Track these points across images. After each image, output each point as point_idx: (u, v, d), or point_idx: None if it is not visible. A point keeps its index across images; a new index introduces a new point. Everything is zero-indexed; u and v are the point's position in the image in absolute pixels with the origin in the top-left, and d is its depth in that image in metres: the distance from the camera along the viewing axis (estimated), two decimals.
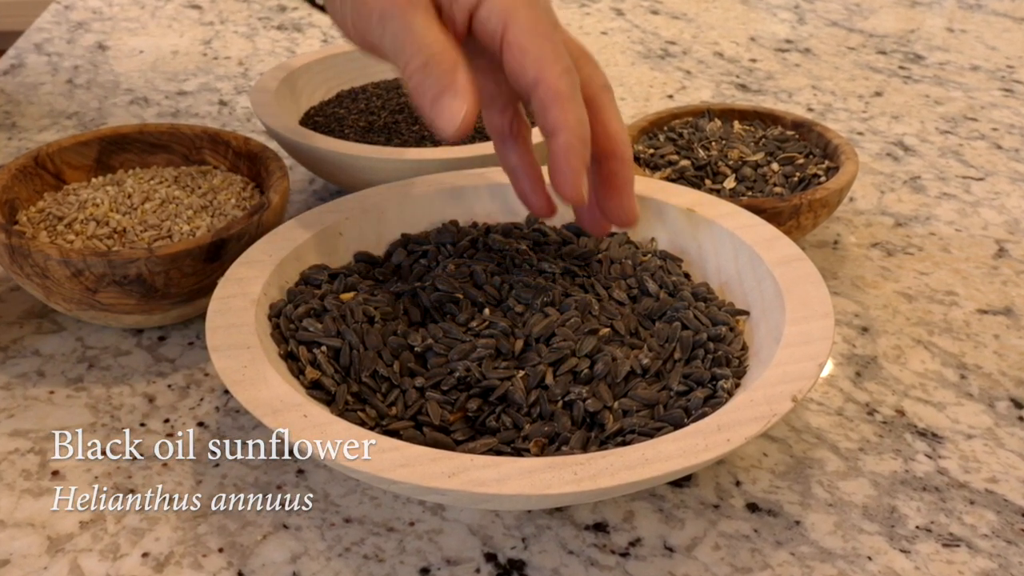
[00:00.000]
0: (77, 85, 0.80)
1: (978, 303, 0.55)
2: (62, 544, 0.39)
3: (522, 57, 0.39)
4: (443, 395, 0.40)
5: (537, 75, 0.39)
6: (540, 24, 0.40)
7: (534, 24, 0.40)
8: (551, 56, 0.39)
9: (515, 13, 0.40)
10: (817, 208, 0.54)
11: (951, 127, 0.76)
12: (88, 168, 0.56)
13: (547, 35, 0.40)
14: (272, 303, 0.44)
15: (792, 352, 0.39)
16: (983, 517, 0.42)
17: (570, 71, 0.40)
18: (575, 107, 0.40)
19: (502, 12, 0.40)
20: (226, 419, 0.46)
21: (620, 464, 0.34)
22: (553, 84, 0.39)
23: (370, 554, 0.39)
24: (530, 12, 0.40)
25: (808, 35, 0.95)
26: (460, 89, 0.39)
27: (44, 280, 0.47)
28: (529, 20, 0.40)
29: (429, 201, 0.50)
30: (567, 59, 0.40)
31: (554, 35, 0.40)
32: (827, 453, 0.45)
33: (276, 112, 0.60)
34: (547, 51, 0.39)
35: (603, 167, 0.43)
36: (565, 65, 0.40)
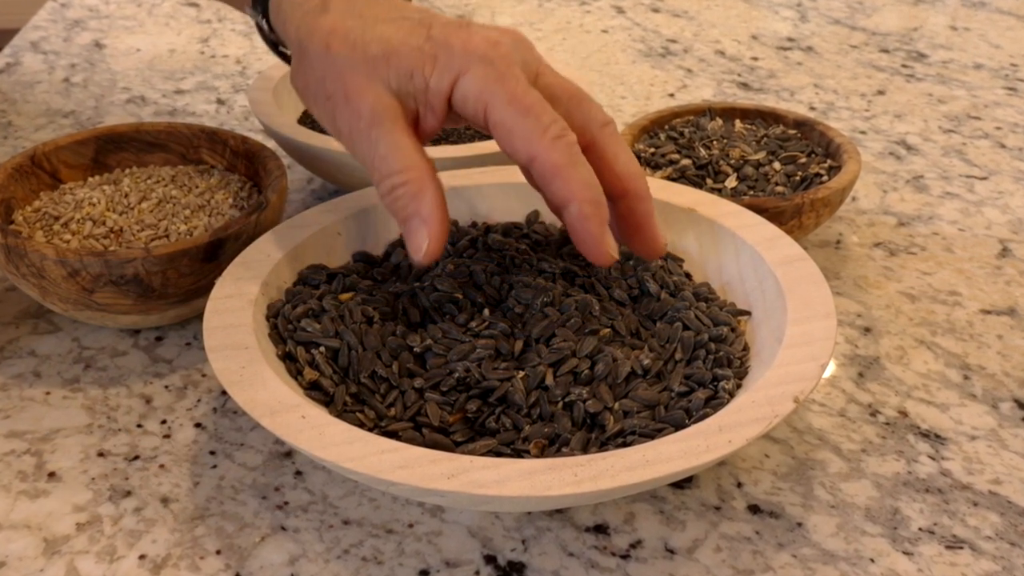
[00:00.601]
0: (73, 84, 0.80)
1: (981, 303, 0.55)
2: (58, 546, 0.39)
3: (510, 138, 0.39)
4: (442, 396, 0.40)
5: (529, 153, 0.39)
6: (519, 96, 0.39)
7: (512, 98, 0.39)
8: (538, 129, 0.39)
9: (491, 92, 0.39)
10: (819, 207, 0.54)
11: (954, 126, 0.76)
12: (85, 167, 0.56)
13: (529, 106, 0.39)
14: (270, 303, 0.44)
15: (794, 353, 0.39)
16: (986, 519, 0.42)
17: (560, 136, 0.39)
18: (577, 172, 0.39)
19: (478, 94, 0.39)
20: (224, 420, 0.46)
21: (621, 465, 0.34)
22: (547, 159, 0.39)
23: (369, 556, 0.39)
24: (505, 87, 0.40)
25: (810, 33, 0.95)
26: (426, 216, 0.40)
27: (40, 280, 0.47)
28: (506, 96, 0.39)
29: None
30: (556, 123, 0.40)
31: (536, 104, 0.40)
32: (829, 454, 0.45)
33: (274, 111, 0.60)
34: (532, 125, 0.39)
35: (619, 206, 0.43)
36: (554, 132, 0.39)
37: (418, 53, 0.41)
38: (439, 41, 0.41)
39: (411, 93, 0.41)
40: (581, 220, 0.40)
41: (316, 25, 0.43)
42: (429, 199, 0.40)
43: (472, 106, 0.40)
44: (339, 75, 0.42)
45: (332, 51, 0.42)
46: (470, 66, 0.40)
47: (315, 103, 0.43)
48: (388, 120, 0.41)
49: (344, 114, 0.42)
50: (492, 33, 0.41)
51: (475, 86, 0.39)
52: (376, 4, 0.44)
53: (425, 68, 0.40)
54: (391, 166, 0.40)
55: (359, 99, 0.41)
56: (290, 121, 0.60)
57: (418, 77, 0.41)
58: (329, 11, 0.43)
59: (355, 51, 0.41)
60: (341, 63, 0.42)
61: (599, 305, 0.43)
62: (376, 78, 0.41)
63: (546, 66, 0.43)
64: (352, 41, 0.42)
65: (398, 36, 0.41)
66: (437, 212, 0.40)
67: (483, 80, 0.39)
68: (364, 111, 0.41)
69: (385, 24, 0.42)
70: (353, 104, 0.41)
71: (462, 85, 0.40)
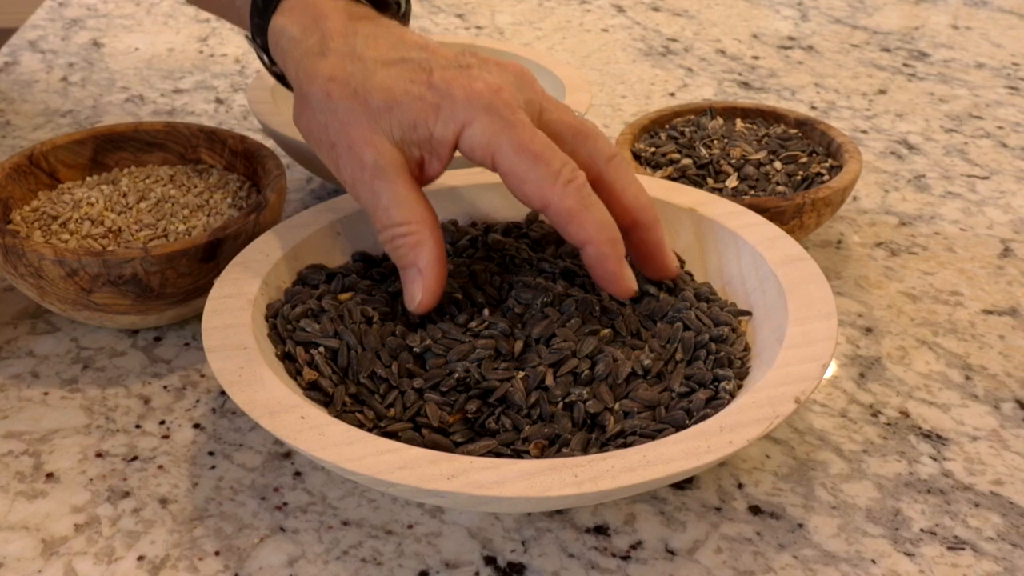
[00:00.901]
0: (72, 83, 0.80)
1: (983, 303, 0.55)
2: (56, 547, 0.39)
3: (521, 185, 0.40)
4: (442, 396, 0.40)
5: (542, 200, 0.40)
6: (525, 143, 0.40)
7: (520, 146, 0.40)
8: (549, 176, 0.39)
9: (498, 143, 0.40)
10: (820, 207, 0.54)
11: (956, 125, 0.76)
12: (83, 167, 0.56)
13: (538, 153, 0.40)
14: (269, 303, 0.44)
15: (795, 353, 0.39)
16: (988, 520, 0.42)
17: (571, 180, 0.40)
18: (591, 215, 0.40)
19: (485, 145, 0.40)
20: (223, 421, 0.46)
21: (621, 466, 0.34)
22: (560, 205, 0.40)
23: (368, 557, 0.39)
24: (511, 135, 0.40)
25: (811, 32, 0.95)
26: (423, 267, 0.41)
27: (38, 280, 0.47)
28: (513, 144, 0.40)
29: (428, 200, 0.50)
30: (566, 167, 0.40)
31: (545, 149, 0.40)
32: (830, 455, 0.45)
33: (273, 110, 0.60)
34: (543, 172, 0.39)
35: (630, 236, 0.44)
36: (565, 176, 0.40)
37: (420, 103, 0.41)
38: (441, 89, 0.41)
39: (415, 142, 0.41)
40: (600, 260, 0.41)
41: (315, 70, 0.43)
42: (427, 252, 0.41)
43: (480, 155, 0.40)
44: (342, 125, 0.42)
45: (333, 99, 0.42)
46: (475, 116, 0.40)
47: (318, 148, 0.44)
48: (391, 172, 0.41)
49: (347, 163, 0.42)
50: (493, 76, 0.41)
51: (481, 136, 0.40)
52: (376, 40, 0.43)
53: (428, 119, 0.41)
54: (392, 218, 0.41)
55: (362, 151, 0.41)
56: (289, 120, 0.60)
57: (421, 128, 0.41)
58: (328, 54, 0.43)
59: (356, 100, 0.42)
60: (343, 113, 0.42)
61: (599, 305, 0.43)
62: (379, 129, 0.41)
63: (550, 101, 0.43)
64: (353, 89, 0.42)
65: (399, 85, 0.41)
66: (434, 265, 0.41)
67: (489, 130, 0.40)
68: (367, 163, 0.41)
69: (386, 69, 0.42)
70: (356, 155, 0.41)
71: (468, 135, 0.40)
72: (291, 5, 0.46)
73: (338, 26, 0.44)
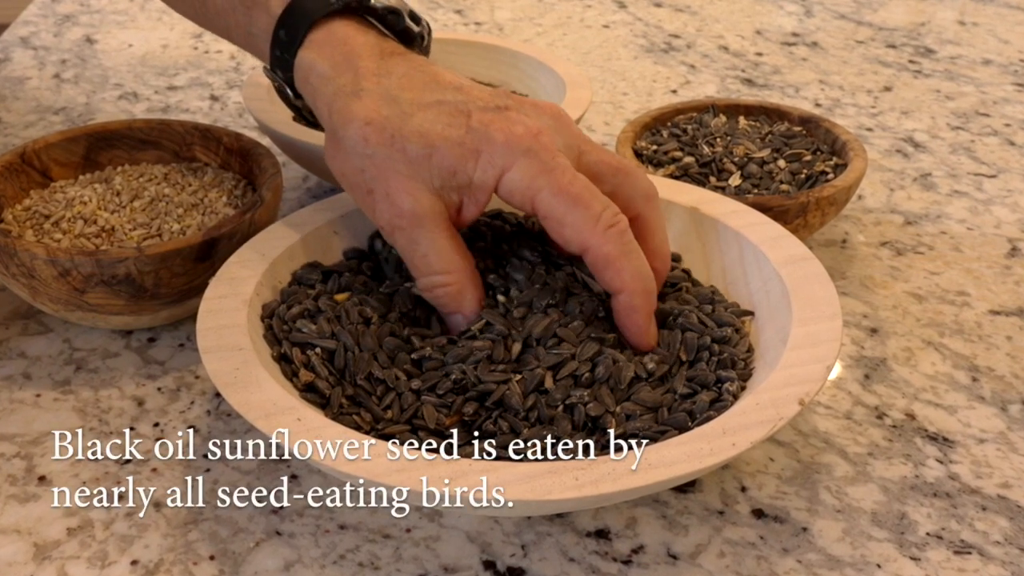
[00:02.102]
0: (64, 80, 0.80)
1: (990, 304, 0.55)
2: (49, 551, 0.39)
3: (561, 229, 0.40)
4: (439, 399, 0.40)
5: (582, 244, 0.40)
6: (565, 187, 0.40)
7: (560, 189, 0.40)
8: (589, 220, 0.40)
9: (538, 187, 0.40)
10: (825, 206, 0.54)
11: (962, 123, 0.76)
12: (75, 165, 0.56)
13: (577, 196, 0.40)
14: (265, 303, 0.44)
15: (799, 354, 0.39)
16: (995, 524, 0.42)
17: (612, 225, 0.40)
18: (629, 263, 0.40)
19: (524, 189, 0.40)
20: (218, 423, 0.46)
21: (622, 469, 0.34)
22: (599, 251, 0.40)
23: (365, 561, 0.39)
24: (551, 179, 0.40)
25: (815, 28, 0.95)
26: (468, 315, 0.43)
27: (30, 280, 0.47)
28: (553, 187, 0.40)
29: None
30: (607, 211, 0.40)
31: (584, 192, 0.40)
32: (835, 458, 0.45)
33: (269, 107, 0.60)
34: (582, 216, 0.40)
35: None
36: (606, 221, 0.40)
37: (459, 149, 0.41)
38: (480, 133, 0.41)
39: (454, 188, 0.42)
40: (630, 311, 0.41)
41: (350, 112, 0.43)
42: (469, 300, 0.43)
43: (519, 199, 0.41)
44: (379, 172, 0.42)
45: (371, 145, 0.42)
46: (514, 161, 0.40)
47: (353, 191, 0.44)
48: (430, 222, 0.42)
49: (384, 210, 0.42)
50: (532, 119, 0.42)
51: (521, 181, 0.40)
52: (410, 80, 0.43)
53: (467, 165, 0.41)
54: (432, 267, 0.42)
55: (400, 199, 0.41)
56: (285, 118, 0.59)
57: (461, 174, 0.41)
58: (362, 95, 0.43)
59: (394, 147, 0.41)
60: (381, 159, 0.42)
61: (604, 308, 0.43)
62: (417, 177, 0.41)
63: (587, 142, 0.43)
64: (391, 135, 0.42)
65: (437, 129, 0.41)
66: (477, 311, 0.43)
67: (529, 174, 0.40)
68: (405, 211, 0.41)
69: (423, 112, 0.42)
70: (394, 203, 0.42)
71: (507, 180, 0.40)
72: (318, 39, 0.45)
73: (371, 65, 0.44)
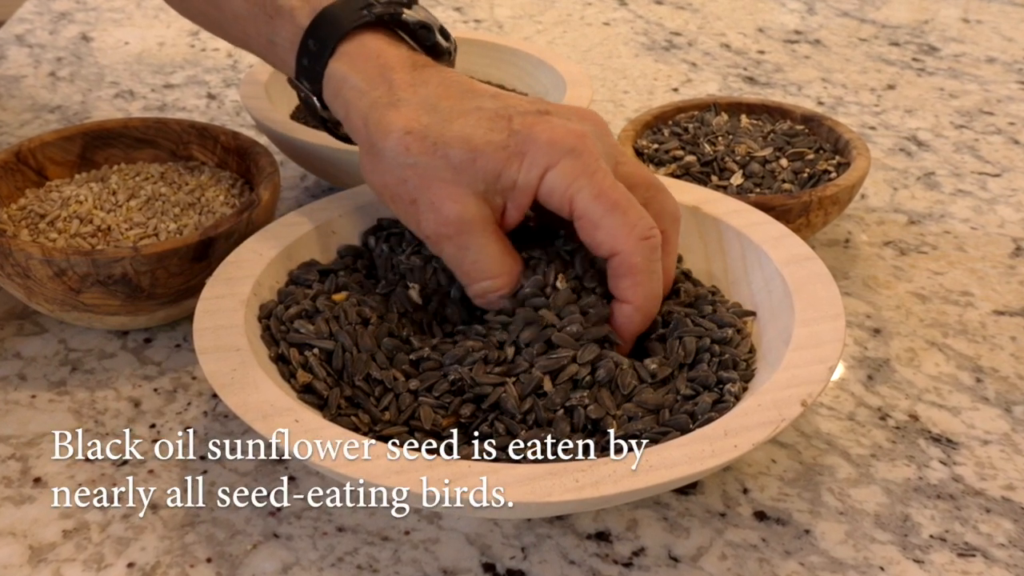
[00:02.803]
0: (60, 78, 0.80)
1: (994, 304, 0.55)
2: (44, 554, 0.39)
3: (594, 231, 0.40)
4: (436, 400, 0.40)
5: (613, 248, 0.41)
6: (606, 191, 0.40)
7: (600, 193, 0.40)
8: (625, 227, 0.40)
9: (578, 187, 0.40)
10: (827, 205, 0.54)
11: (966, 121, 0.76)
12: (71, 164, 0.56)
13: (616, 202, 0.40)
14: (262, 304, 0.44)
15: (801, 355, 0.39)
16: (999, 526, 0.42)
17: (646, 237, 0.40)
18: (649, 281, 0.41)
19: (565, 188, 0.40)
20: (214, 424, 0.46)
21: (623, 471, 0.34)
22: (627, 259, 0.40)
23: (364, 564, 0.39)
24: (592, 180, 0.40)
25: (818, 26, 0.95)
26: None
27: (25, 280, 0.47)
28: (594, 190, 0.40)
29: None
30: (642, 221, 0.41)
31: (623, 199, 0.40)
32: (838, 459, 0.45)
33: (266, 106, 0.60)
34: (619, 222, 0.40)
35: None
36: (640, 231, 0.40)
37: (503, 152, 0.41)
38: (523, 135, 0.41)
39: (498, 191, 0.42)
40: (627, 323, 0.42)
41: (388, 122, 0.42)
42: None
43: (558, 198, 0.41)
44: (423, 181, 0.42)
45: (412, 154, 0.42)
46: (558, 160, 0.40)
47: (394, 202, 0.44)
48: (477, 227, 0.42)
49: (430, 220, 0.42)
50: (574, 123, 0.42)
51: (563, 180, 0.40)
52: (446, 90, 0.43)
53: (512, 167, 0.41)
54: (483, 272, 0.42)
55: (446, 208, 0.41)
56: (283, 117, 0.60)
57: (506, 177, 0.41)
58: (400, 105, 0.43)
59: (436, 155, 0.41)
60: (423, 168, 0.42)
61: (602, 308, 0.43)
62: (462, 183, 0.41)
63: (623, 153, 0.44)
64: (432, 143, 0.41)
65: (479, 134, 0.41)
66: None
67: (571, 174, 0.40)
68: (452, 219, 0.41)
69: (463, 119, 0.42)
70: (440, 211, 0.42)
71: (549, 179, 0.41)
72: (350, 51, 0.45)
73: (406, 76, 0.44)
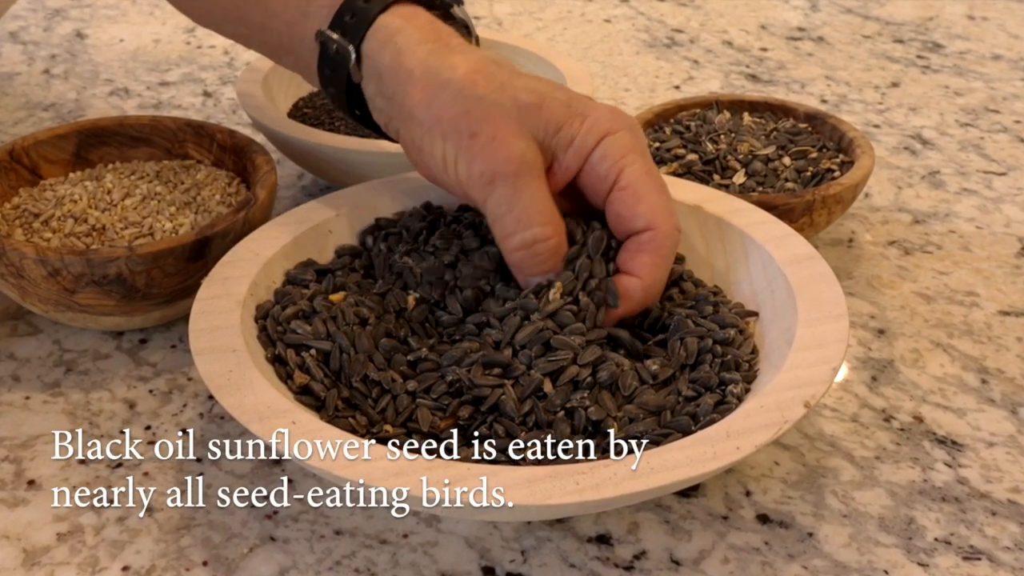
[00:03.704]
0: (54, 75, 0.81)
1: (1000, 304, 0.55)
2: (38, 557, 0.39)
3: (636, 204, 0.42)
4: (434, 401, 0.40)
5: (649, 223, 0.42)
6: (652, 173, 0.42)
7: (647, 173, 0.42)
8: (666, 208, 0.42)
9: (630, 159, 0.42)
10: (831, 204, 0.54)
11: (972, 119, 0.76)
12: (66, 162, 0.56)
13: (660, 186, 0.42)
14: (259, 304, 0.44)
15: (805, 355, 0.39)
16: (1005, 529, 0.42)
17: (678, 230, 0.42)
18: (664, 265, 0.42)
19: (619, 156, 0.42)
20: (211, 426, 0.46)
21: (624, 473, 0.34)
22: (660, 238, 0.42)
23: (362, 568, 0.39)
24: (643, 160, 0.42)
25: (821, 23, 0.95)
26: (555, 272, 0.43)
27: (19, 280, 0.47)
28: (642, 168, 0.42)
29: (423, 197, 0.50)
30: (677, 215, 0.42)
31: (664, 187, 0.43)
32: (841, 462, 0.45)
33: (263, 104, 0.60)
34: (662, 202, 0.42)
35: None
36: (676, 222, 0.42)
37: (567, 110, 0.42)
38: (584, 105, 0.43)
39: (552, 147, 0.42)
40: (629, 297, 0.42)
41: (454, 61, 0.43)
42: (561, 255, 0.43)
43: (608, 165, 0.42)
44: (487, 115, 0.42)
45: (479, 88, 0.42)
46: (618, 129, 0.42)
47: (448, 137, 0.43)
48: (535, 172, 0.42)
49: (486, 155, 0.42)
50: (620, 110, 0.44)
51: (619, 149, 0.42)
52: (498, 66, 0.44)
53: (573, 125, 0.42)
54: (533, 218, 0.42)
55: (508, 145, 0.42)
56: (280, 115, 0.60)
57: (565, 132, 0.42)
58: (462, 53, 0.44)
59: (505, 95, 0.42)
60: (490, 103, 0.42)
61: None
62: (525, 126, 0.42)
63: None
64: (500, 83, 0.42)
65: (545, 89, 0.43)
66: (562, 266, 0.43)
67: (627, 145, 0.42)
68: (513, 157, 0.41)
69: (523, 78, 0.43)
70: (501, 147, 0.42)
71: (607, 143, 0.42)
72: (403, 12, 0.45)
73: (461, 42, 0.45)
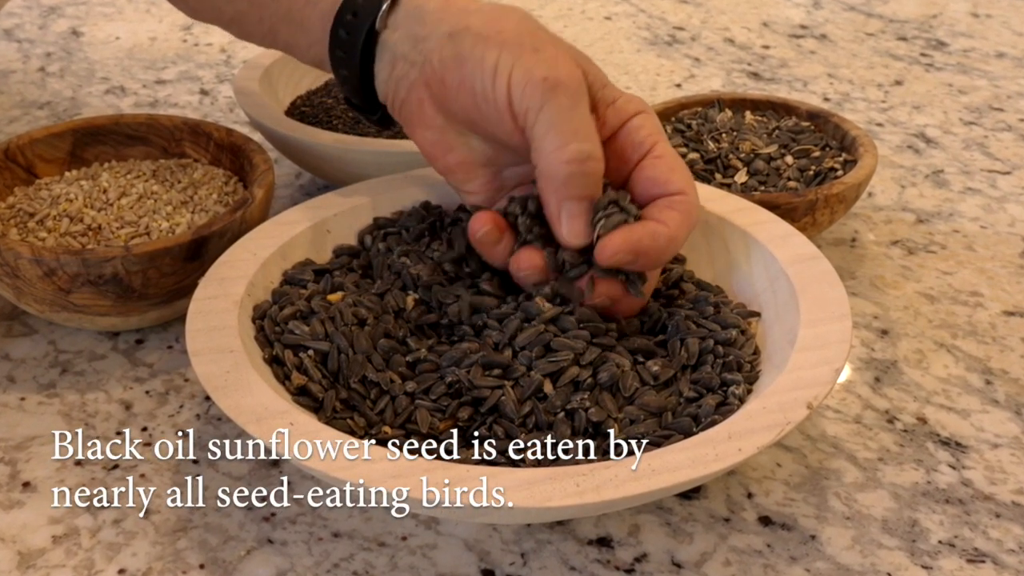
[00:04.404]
0: (49, 73, 0.81)
1: (1004, 304, 0.55)
2: (34, 560, 0.39)
3: (670, 172, 0.44)
4: (433, 403, 0.40)
5: (681, 188, 0.43)
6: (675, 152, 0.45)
7: (672, 150, 0.45)
8: (690, 182, 0.44)
9: (662, 137, 0.45)
10: (834, 204, 0.54)
11: (976, 118, 0.76)
12: (61, 161, 0.56)
13: (683, 163, 0.45)
14: (256, 304, 0.44)
15: (807, 356, 0.39)
16: (1009, 531, 0.42)
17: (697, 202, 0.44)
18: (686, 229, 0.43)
19: (653, 132, 0.44)
20: (208, 427, 0.46)
21: (625, 475, 0.34)
22: (691, 203, 0.43)
23: (360, 570, 0.39)
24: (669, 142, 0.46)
25: (824, 20, 0.95)
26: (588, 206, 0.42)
27: (14, 280, 0.47)
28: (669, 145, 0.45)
29: (421, 196, 0.50)
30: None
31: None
32: (844, 463, 0.45)
33: (260, 102, 0.60)
34: (688, 175, 0.44)
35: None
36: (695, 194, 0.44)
37: (607, 78, 0.45)
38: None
39: (595, 98, 0.44)
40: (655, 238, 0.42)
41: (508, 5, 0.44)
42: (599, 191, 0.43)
43: (644, 134, 0.44)
44: (552, 40, 0.43)
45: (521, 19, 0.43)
46: (646, 109, 0.45)
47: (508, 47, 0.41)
48: (585, 91, 0.42)
49: (551, 66, 0.41)
50: None
51: (653, 125, 0.45)
52: None
53: (614, 90, 0.44)
54: (591, 133, 0.42)
55: (572, 65, 0.42)
56: (277, 113, 0.60)
57: (607, 92, 0.44)
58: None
59: (549, 33, 0.44)
60: (554, 35, 0.43)
61: None
62: (572, 57, 0.43)
63: None
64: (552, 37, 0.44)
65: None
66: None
67: (657, 124, 0.45)
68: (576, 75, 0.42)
69: None
70: (565, 64, 0.42)
71: (641, 118, 0.44)
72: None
73: None
